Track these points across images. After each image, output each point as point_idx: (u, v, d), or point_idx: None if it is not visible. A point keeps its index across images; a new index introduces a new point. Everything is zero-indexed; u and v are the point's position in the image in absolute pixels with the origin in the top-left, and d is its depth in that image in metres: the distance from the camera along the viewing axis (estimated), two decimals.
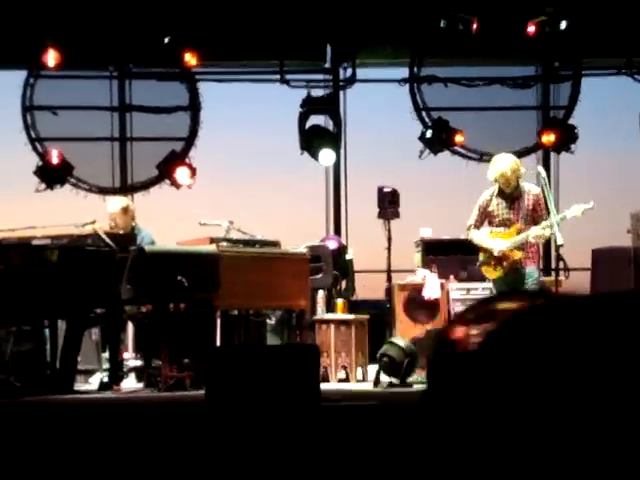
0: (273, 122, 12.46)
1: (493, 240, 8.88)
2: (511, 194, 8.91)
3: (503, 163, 8.87)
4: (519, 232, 8.85)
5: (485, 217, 9.01)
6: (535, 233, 8.77)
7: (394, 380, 8.47)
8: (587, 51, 12.09)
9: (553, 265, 10.82)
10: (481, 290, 10.07)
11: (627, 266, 10.39)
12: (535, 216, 8.90)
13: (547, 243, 10.89)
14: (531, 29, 11.70)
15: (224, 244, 8.45)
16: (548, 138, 11.97)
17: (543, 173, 9.16)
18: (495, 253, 8.82)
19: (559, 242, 8.81)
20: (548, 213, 8.84)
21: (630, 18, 11.60)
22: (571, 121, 12.21)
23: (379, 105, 12.55)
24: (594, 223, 9.65)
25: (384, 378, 8.51)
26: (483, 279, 9.38)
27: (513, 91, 12.38)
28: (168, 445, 5.56)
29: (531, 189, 8.97)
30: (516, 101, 12.50)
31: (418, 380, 8.56)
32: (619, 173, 12.25)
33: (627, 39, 11.80)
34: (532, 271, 8.94)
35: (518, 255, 8.83)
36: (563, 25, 11.72)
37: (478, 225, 9.04)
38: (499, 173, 8.85)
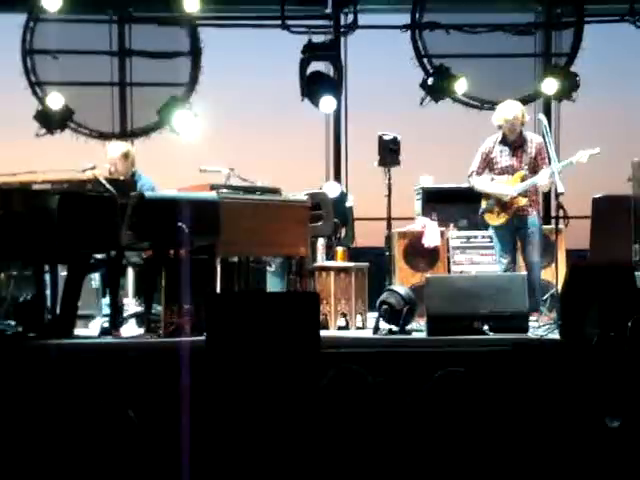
0: (274, 68, 12.39)
1: (500, 185, 8.91)
2: (514, 141, 8.96)
3: (509, 110, 8.93)
4: (522, 179, 8.89)
5: (487, 164, 9.06)
6: (544, 181, 8.81)
7: (393, 327, 8.52)
8: None
9: (553, 213, 10.82)
10: (481, 238, 10.09)
11: (627, 214, 10.39)
12: (537, 164, 8.95)
13: (547, 191, 10.89)
14: None
15: (224, 191, 8.44)
16: (550, 85, 11.92)
17: (544, 121, 9.16)
18: (505, 199, 8.87)
19: (560, 190, 8.83)
20: (550, 161, 8.86)
21: None
22: (573, 68, 12.15)
23: (380, 52, 12.48)
24: (595, 171, 9.66)
25: (383, 325, 8.56)
26: (483, 227, 9.40)
27: (515, 38, 12.31)
28: (167, 391, 5.60)
29: (534, 137, 9.04)
30: (518, 48, 12.43)
31: (417, 328, 8.61)
32: (621, 121, 12.22)
33: None
34: (534, 218, 8.99)
35: (523, 202, 8.91)
36: None
37: (480, 172, 9.08)
38: (504, 119, 8.91)
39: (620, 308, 6.66)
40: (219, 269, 8.30)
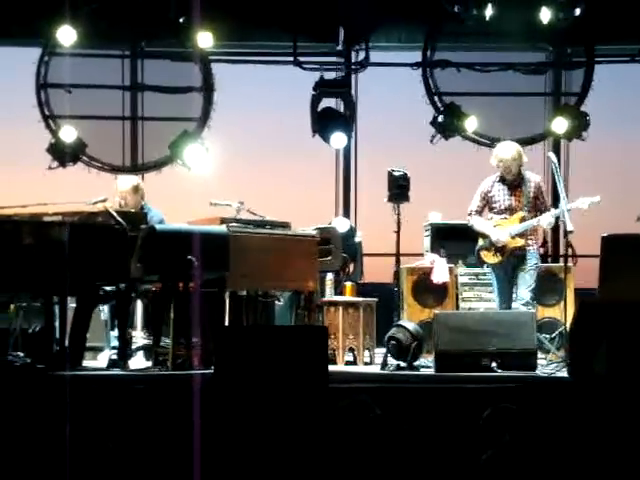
0: (286, 104, 12.46)
1: (495, 230, 8.94)
2: (512, 181, 8.99)
3: (504, 150, 8.97)
4: (521, 220, 8.91)
5: (486, 203, 9.08)
6: (547, 221, 8.84)
7: (401, 363, 8.51)
8: (600, 37, 12.05)
9: (562, 251, 10.82)
10: (489, 275, 10.09)
11: (636, 253, 10.38)
12: (537, 204, 8.97)
13: (556, 230, 10.91)
14: (545, 15, 11.67)
15: (234, 224, 8.48)
16: (559, 125, 11.96)
17: (554, 159, 9.18)
18: (498, 245, 8.89)
19: (569, 229, 8.85)
20: (555, 200, 8.89)
21: None
22: (583, 108, 12.19)
23: (391, 89, 12.55)
24: (603, 210, 9.66)
25: (391, 361, 8.55)
26: (479, 265, 9.39)
27: (525, 77, 12.36)
28: (174, 423, 5.59)
29: (532, 177, 9.07)
30: (528, 87, 12.48)
31: (425, 364, 8.60)
32: (630, 161, 12.24)
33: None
34: (532, 255, 9.00)
35: (520, 242, 8.92)
36: (577, 12, 11.69)
37: (479, 211, 9.12)
38: (499, 160, 8.94)
39: (630, 346, 6.64)
40: (228, 302, 8.32)
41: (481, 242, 9.08)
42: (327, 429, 5.06)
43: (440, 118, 12.19)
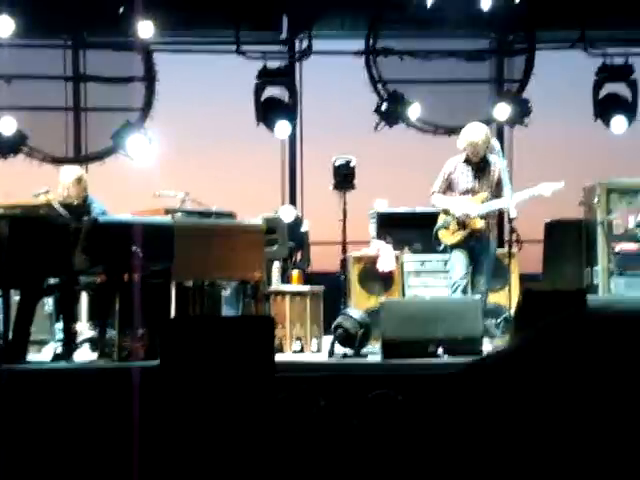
0: (229, 93, 12.41)
1: (463, 203, 8.89)
2: (477, 164, 8.97)
3: (473, 132, 8.94)
4: (483, 202, 8.91)
5: (449, 184, 9.05)
6: (505, 205, 8.82)
7: (348, 351, 8.53)
8: (541, 24, 12.14)
9: (506, 237, 10.90)
10: (435, 262, 10.14)
11: (578, 239, 10.51)
12: (498, 189, 8.98)
13: (500, 215, 10.99)
14: (486, 2, 11.73)
15: (179, 215, 8.44)
16: (502, 111, 12.04)
17: (497, 146, 9.22)
18: (464, 217, 8.83)
19: (512, 215, 8.90)
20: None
21: None
22: (525, 94, 12.28)
23: (335, 77, 12.55)
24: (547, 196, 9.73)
25: (339, 349, 8.57)
26: (436, 244, 9.32)
27: (468, 64, 12.42)
28: (118, 415, 5.56)
29: (497, 161, 9.04)
30: (471, 74, 12.54)
31: (372, 351, 8.63)
32: (572, 146, 12.36)
33: (580, 12, 11.87)
34: (490, 244, 9.04)
35: (480, 224, 8.90)
36: None
37: (442, 191, 9.08)
38: (469, 142, 8.91)
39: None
40: (174, 293, 8.28)
41: (441, 221, 9.02)
42: (272, 421, 5.06)
43: (384, 106, 12.21)
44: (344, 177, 11.14)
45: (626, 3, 11.66)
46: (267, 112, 11.98)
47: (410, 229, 10.60)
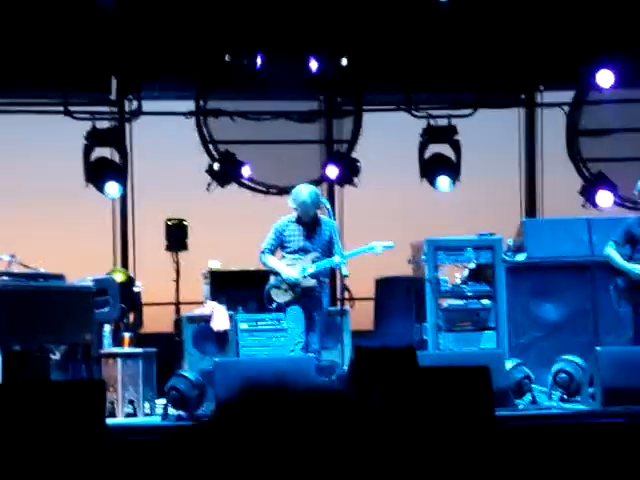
0: (58, 154, 12.23)
1: (288, 267, 9.00)
2: (309, 223, 9.09)
3: (304, 193, 9.07)
4: (314, 261, 9.03)
5: (280, 243, 9.14)
6: (339, 261, 8.96)
7: (182, 413, 8.45)
8: (368, 86, 12.46)
9: (339, 295, 11.06)
10: (269, 321, 10.18)
11: (408, 295, 10.74)
12: (331, 247, 9.11)
13: (332, 273, 11.14)
14: (313, 64, 11.98)
15: (5, 278, 8.23)
16: (332, 171, 12.25)
17: (327, 205, 9.39)
18: (291, 281, 8.94)
19: (344, 273, 9.06)
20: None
21: (407, 55, 12.05)
22: (354, 154, 12.54)
23: (166, 137, 12.54)
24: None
25: (172, 411, 8.47)
26: (268, 304, 9.37)
27: (298, 125, 12.63)
28: None
29: (329, 221, 9.22)
30: (301, 135, 12.75)
31: (208, 413, 8.56)
32: (400, 205, 12.66)
33: (405, 75, 12.25)
34: (325, 299, 9.15)
35: (311, 283, 9.01)
36: (344, 61, 12.07)
37: (272, 250, 9.16)
38: (299, 202, 9.04)
39: (402, 388, 6.84)
40: (0, 359, 8.04)
41: (272, 280, 9.11)
42: None
43: (216, 166, 12.27)
44: (177, 238, 11.13)
45: (448, 67, 12.11)
46: (96, 172, 11.85)
47: (244, 288, 10.63)
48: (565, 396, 9.01)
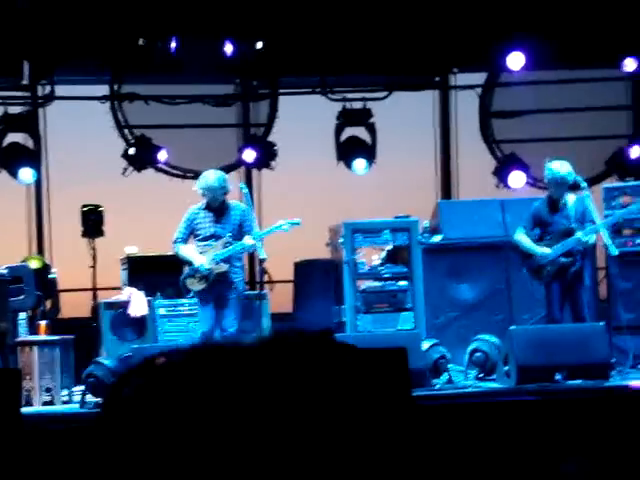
0: None
1: (200, 256, 9.02)
2: (218, 209, 9.11)
3: (211, 179, 9.10)
4: (225, 246, 9.05)
5: (192, 231, 9.16)
6: (248, 246, 8.99)
7: (100, 400, 8.40)
8: (283, 70, 12.47)
9: (257, 278, 11.08)
10: (187, 306, 10.17)
11: (327, 277, 10.81)
12: (242, 232, 9.14)
13: (251, 257, 11.16)
14: (229, 48, 11.95)
15: None
16: (249, 155, 12.25)
17: (245, 189, 9.40)
18: (202, 270, 8.96)
19: (262, 256, 9.09)
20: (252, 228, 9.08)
21: (322, 38, 12.07)
22: (270, 138, 12.54)
23: (81, 122, 12.40)
24: (296, 237, 9.99)
25: (90, 399, 8.43)
26: (185, 292, 9.44)
27: (214, 109, 12.58)
28: None
29: (237, 205, 9.24)
30: (217, 119, 12.70)
31: None
32: (318, 188, 12.70)
33: (320, 59, 12.27)
34: (239, 282, 9.16)
35: (224, 268, 9.03)
36: (259, 45, 12.06)
37: (185, 239, 9.17)
38: (206, 188, 9.06)
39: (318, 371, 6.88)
40: None
41: (187, 270, 9.13)
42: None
43: (131, 150, 12.17)
44: (93, 223, 11.03)
45: (362, 50, 12.17)
46: (9, 158, 11.68)
47: (162, 274, 10.60)
48: (481, 375, 9.16)
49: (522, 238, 9.31)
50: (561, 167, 9.20)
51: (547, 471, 5.61)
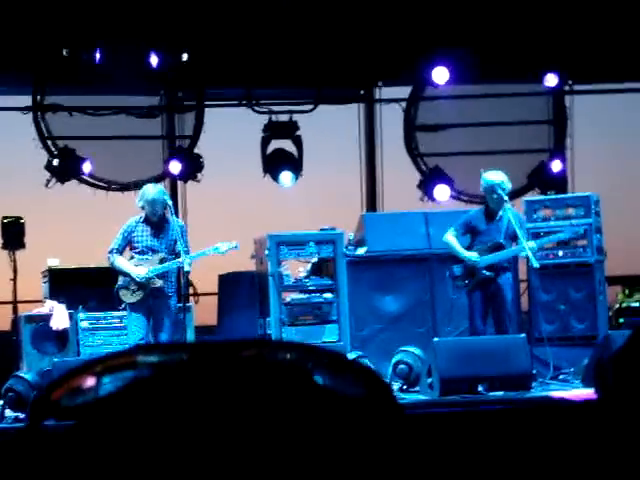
0: None
1: (136, 267, 8.94)
2: (157, 223, 9.05)
3: (151, 192, 9.04)
4: (161, 261, 8.98)
5: (128, 243, 9.08)
6: (183, 262, 8.92)
7: (20, 415, 8.29)
8: (209, 82, 12.43)
9: (182, 291, 11.01)
10: (111, 319, 10.07)
11: (251, 289, 10.79)
12: (176, 247, 9.06)
13: (177, 270, 11.09)
14: (154, 59, 11.89)
15: None
16: (175, 167, 12.18)
17: (169, 202, 9.35)
18: (137, 280, 8.87)
19: (186, 269, 9.03)
20: (184, 243, 9.02)
21: (248, 50, 12.08)
22: (197, 150, 12.49)
23: (2, 133, 12.24)
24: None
25: (10, 414, 8.30)
26: (118, 304, 9.28)
27: (139, 120, 12.49)
28: None
29: (176, 220, 9.20)
30: (143, 130, 12.61)
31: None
32: (244, 200, 12.68)
33: (246, 71, 12.27)
34: (173, 298, 9.10)
35: (158, 283, 8.96)
36: (185, 56, 12.02)
37: (120, 250, 9.09)
38: (146, 202, 9.00)
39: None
40: None
41: (120, 281, 9.03)
42: None
43: (55, 162, 12.04)
44: (14, 235, 10.87)
45: (288, 63, 12.19)
46: None
47: (84, 286, 10.49)
48: (405, 386, 9.20)
49: (452, 240, 9.41)
50: (494, 176, 9.38)
51: None
